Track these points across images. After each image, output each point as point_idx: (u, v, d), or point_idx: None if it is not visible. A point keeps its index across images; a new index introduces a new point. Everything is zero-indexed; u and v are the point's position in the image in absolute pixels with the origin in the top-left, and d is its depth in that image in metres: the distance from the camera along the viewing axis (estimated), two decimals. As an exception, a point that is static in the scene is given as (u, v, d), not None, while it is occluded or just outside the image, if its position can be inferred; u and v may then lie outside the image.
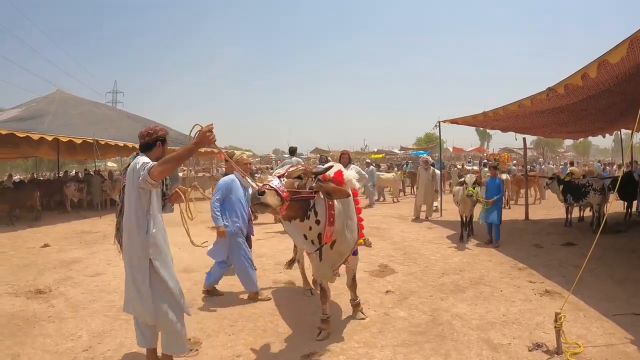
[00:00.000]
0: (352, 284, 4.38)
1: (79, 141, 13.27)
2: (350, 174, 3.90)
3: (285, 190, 3.09)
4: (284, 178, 3.21)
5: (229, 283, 5.59)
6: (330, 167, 3.60)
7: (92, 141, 12.86)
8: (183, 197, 3.50)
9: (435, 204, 11.87)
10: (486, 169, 13.99)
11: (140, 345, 3.40)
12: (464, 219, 8.42)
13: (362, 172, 8.89)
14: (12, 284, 5.98)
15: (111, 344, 3.93)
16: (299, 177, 3.29)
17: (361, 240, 3.94)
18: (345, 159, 8.17)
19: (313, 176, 3.42)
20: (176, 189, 3.56)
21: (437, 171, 12.37)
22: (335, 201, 3.55)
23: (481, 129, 52.84)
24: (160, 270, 3.14)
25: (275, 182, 3.08)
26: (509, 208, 13.22)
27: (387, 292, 5.27)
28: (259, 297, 5.10)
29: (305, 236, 3.55)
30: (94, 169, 18.44)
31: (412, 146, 43.62)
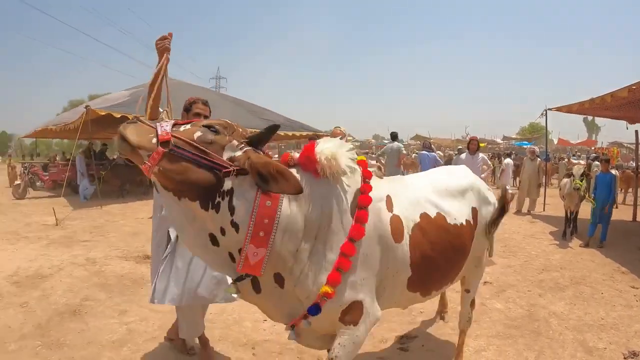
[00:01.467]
0: None
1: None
2: (332, 147, 1.99)
3: (170, 133, 1.74)
4: (188, 125, 1.87)
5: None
6: (276, 127, 1.96)
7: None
8: None
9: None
10: (596, 163, 13.16)
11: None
12: (569, 214, 8.16)
13: (489, 161, 8.78)
14: (123, 249, 6.67)
15: (213, 307, 3.82)
16: (213, 130, 1.82)
17: (328, 289, 1.92)
18: (474, 145, 7.95)
19: (243, 141, 1.85)
20: None
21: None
22: (286, 200, 1.87)
23: (589, 119, 48.53)
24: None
25: (164, 124, 1.79)
26: (617, 207, 12.38)
27: (485, 282, 5.32)
28: None
29: (213, 238, 1.85)
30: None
31: (515, 136, 41.51)
